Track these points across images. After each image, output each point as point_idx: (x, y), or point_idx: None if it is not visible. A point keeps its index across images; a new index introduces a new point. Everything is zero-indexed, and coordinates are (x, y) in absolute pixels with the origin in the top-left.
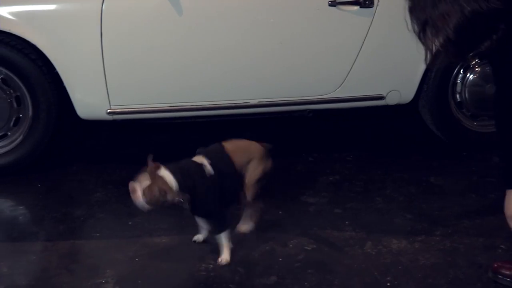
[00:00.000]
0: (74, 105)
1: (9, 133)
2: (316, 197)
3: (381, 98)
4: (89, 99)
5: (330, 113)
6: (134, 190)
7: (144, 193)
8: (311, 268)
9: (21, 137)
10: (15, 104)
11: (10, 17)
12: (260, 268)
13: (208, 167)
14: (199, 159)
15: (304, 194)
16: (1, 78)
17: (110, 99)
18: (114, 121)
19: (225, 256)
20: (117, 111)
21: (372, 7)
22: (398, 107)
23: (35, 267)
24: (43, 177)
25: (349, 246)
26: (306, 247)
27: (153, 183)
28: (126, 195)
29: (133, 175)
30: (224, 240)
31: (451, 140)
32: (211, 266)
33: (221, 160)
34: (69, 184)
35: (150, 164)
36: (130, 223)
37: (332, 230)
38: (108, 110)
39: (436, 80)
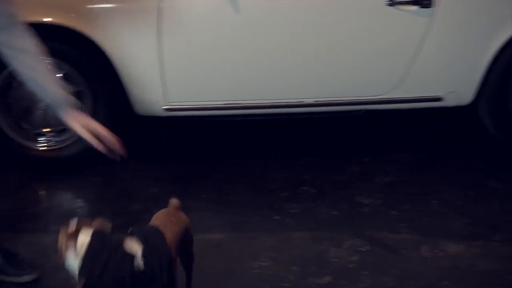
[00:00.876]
0: (131, 101)
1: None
2: (370, 198)
3: (438, 99)
4: (146, 96)
5: (387, 113)
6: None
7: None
8: (366, 269)
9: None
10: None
11: (71, 14)
12: (314, 267)
13: (139, 260)
14: (131, 246)
15: (358, 194)
16: (63, 74)
17: (166, 96)
18: (170, 117)
19: None
20: (173, 108)
21: (431, 7)
22: (456, 109)
23: None
24: (101, 171)
25: (404, 249)
26: (360, 249)
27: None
28: (181, 191)
29: (188, 173)
30: None
31: (511, 144)
32: (265, 264)
33: (157, 248)
34: (126, 179)
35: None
36: None
37: (387, 232)
38: (165, 107)
39: (496, 81)
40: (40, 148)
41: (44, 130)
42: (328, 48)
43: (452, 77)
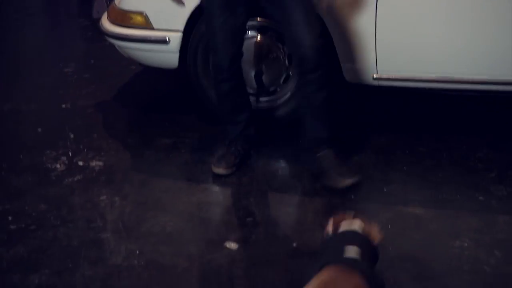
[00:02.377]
0: (342, 69)
1: (278, 89)
2: None
3: None
4: (357, 64)
5: None
6: None
7: None
8: None
9: (288, 94)
10: (287, 62)
11: None
12: None
13: None
14: None
15: None
16: (277, 36)
17: (377, 65)
18: (379, 87)
19: None
20: (383, 78)
21: None
22: None
23: (291, 219)
24: (304, 134)
25: None
26: None
27: None
28: (383, 162)
29: (391, 143)
30: None
31: None
32: (466, 244)
33: None
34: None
35: None
36: (385, 190)
37: None
38: (375, 76)
39: None
40: None
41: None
42: None
43: None
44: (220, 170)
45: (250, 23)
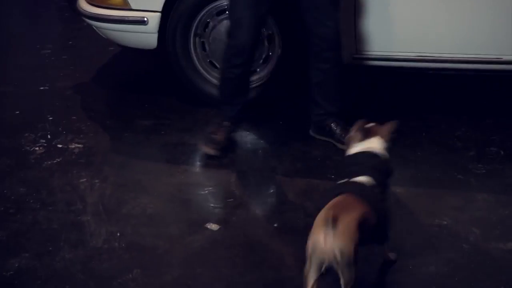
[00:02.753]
0: None
1: (258, 70)
2: None
3: None
4: None
5: None
6: None
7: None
8: None
9: (268, 74)
10: (266, 43)
11: None
12: (497, 232)
13: None
14: None
15: None
16: None
17: (356, 44)
18: (357, 66)
19: None
20: (362, 57)
21: None
22: None
23: (271, 200)
24: (284, 115)
25: None
26: None
27: None
28: None
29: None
30: None
31: None
32: (445, 223)
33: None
34: (308, 125)
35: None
36: None
37: None
38: (355, 56)
39: None
40: None
41: None
42: None
43: None
44: (208, 150)
45: None
